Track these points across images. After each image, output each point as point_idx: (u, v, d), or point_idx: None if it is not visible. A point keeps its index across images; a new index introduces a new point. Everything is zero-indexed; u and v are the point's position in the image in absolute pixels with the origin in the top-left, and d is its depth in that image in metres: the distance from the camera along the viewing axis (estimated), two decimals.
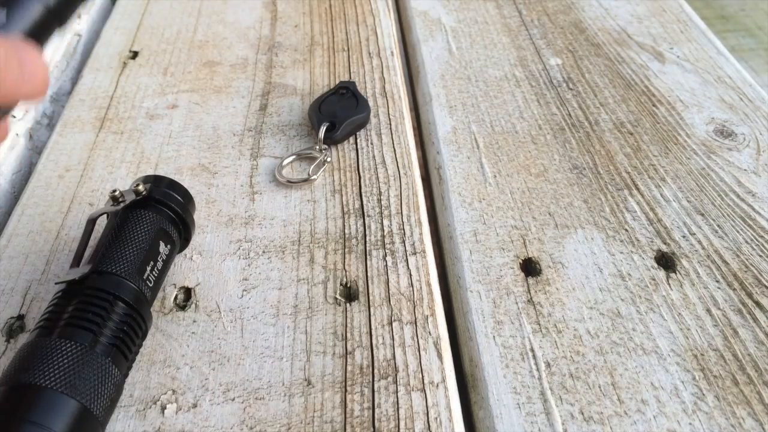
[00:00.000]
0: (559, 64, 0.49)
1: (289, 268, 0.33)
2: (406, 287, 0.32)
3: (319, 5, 0.55)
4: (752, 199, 0.38)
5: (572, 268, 0.34)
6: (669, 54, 0.50)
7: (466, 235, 0.36)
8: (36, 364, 0.23)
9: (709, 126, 0.43)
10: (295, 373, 0.29)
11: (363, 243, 0.35)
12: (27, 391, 0.23)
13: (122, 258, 0.28)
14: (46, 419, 0.22)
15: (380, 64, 0.48)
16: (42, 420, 0.22)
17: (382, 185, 0.38)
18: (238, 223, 0.36)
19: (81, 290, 0.26)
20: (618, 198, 0.38)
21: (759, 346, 0.30)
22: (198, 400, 0.28)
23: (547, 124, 0.44)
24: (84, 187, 0.38)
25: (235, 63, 0.48)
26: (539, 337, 0.31)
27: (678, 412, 0.28)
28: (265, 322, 0.31)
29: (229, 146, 0.41)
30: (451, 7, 0.56)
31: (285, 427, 0.27)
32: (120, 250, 0.28)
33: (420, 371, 0.29)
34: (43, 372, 0.23)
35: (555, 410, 0.28)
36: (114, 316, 0.26)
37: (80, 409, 0.23)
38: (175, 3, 0.56)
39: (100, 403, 0.24)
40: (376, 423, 0.27)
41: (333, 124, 0.40)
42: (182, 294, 0.32)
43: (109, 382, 0.24)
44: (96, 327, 0.25)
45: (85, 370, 0.24)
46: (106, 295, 0.26)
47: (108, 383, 0.24)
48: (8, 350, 0.30)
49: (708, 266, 0.34)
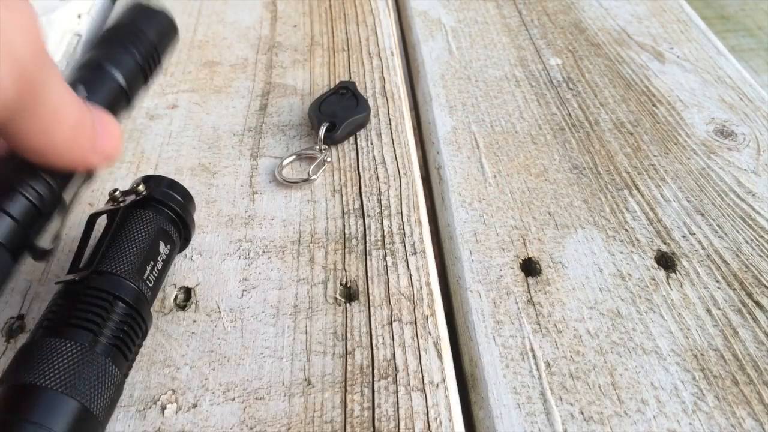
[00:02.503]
0: (559, 64, 0.49)
1: (289, 268, 0.33)
2: (406, 287, 0.32)
3: (319, 5, 0.55)
4: (752, 199, 0.38)
5: (572, 268, 0.34)
6: (669, 54, 0.50)
7: (466, 235, 0.36)
8: (36, 364, 0.23)
9: (709, 126, 0.43)
10: (295, 373, 0.29)
11: (363, 243, 0.35)
12: (27, 391, 0.23)
13: (122, 258, 0.28)
14: (46, 419, 0.22)
15: (380, 64, 0.48)
16: (42, 420, 0.22)
17: (382, 185, 0.38)
18: (238, 223, 0.36)
19: (81, 290, 0.26)
20: (618, 198, 0.38)
21: (759, 346, 0.30)
22: (198, 400, 0.28)
23: (547, 124, 0.44)
24: (84, 187, 0.38)
25: (235, 63, 0.48)
26: (539, 337, 0.31)
27: (678, 412, 0.28)
28: (265, 322, 0.31)
29: (229, 146, 0.41)
30: (451, 7, 0.56)
31: (285, 427, 0.27)
32: (120, 250, 0.28)
33: (420, 371, 0.29)
34: (43, 372, 0.23)
35: (555, 410, 0.28)
36: (114, 316, 0.26)
37: (80, 409, 0.23)
38: (175, 3, 0.56)
39: (100, 403, 0.24)
40: (376, 423, 0.27)
41: (333, 124, 0.40)
42: (182, 294, 0.32)
43: (109, 382, 0.24)
44: (96, 327, 0.25)
45: (85, 370, 0.24)
46: (106, 295, 0.26)
47: (108, 383, 0.24)
48: (8, 350, 0.30)
49: (708, 266, 0.34)
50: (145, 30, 0.33)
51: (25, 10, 0.21)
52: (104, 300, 0.26)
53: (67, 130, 0.25)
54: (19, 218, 0.26)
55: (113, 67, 0.31)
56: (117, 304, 0.26)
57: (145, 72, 0.33)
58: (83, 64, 0.31)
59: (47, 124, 0.24)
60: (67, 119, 0.24)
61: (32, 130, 0.24)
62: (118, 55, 0.32)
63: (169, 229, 0.31)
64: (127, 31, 0.33)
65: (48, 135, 0.24)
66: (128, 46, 0.32)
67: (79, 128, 0.25)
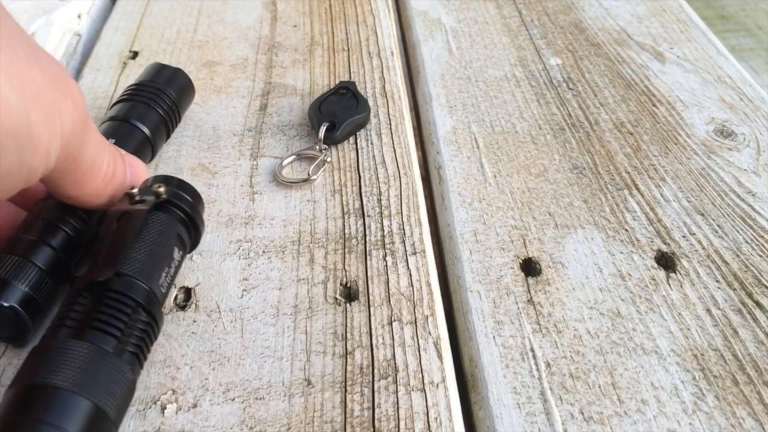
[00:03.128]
0: (559, 64, 0.49)
1: (289, 268, 0.33)
2: (406, 287, 0.32)
3: (319, 5, 0.55)
4: (752, 199, 0.38)
5: (572, 268, 0.34)
6: (669, 54, 0.50)
7: (466, 235, 0.36)
8: (60, 366, 0.23)
9: (709, 126, 0.43)
10: (295, 373, 0.29)
11: (363, 243, 0.35)
12: (42, 392, 0.23)
13: (145, 263, 0.28)
14: (61, 420, 0.22)
15: (380, 64, 0.48)
16: (57, 421, 0.22)
17: (382, 185, 0.38)
18: (238, 223, 0.36)
19: (103, 292, 0.26)
20: (618, 198, 0.38)
21: (759, 346, 0.30)
22: (198, 400, 0.28)
23: (547, 124, 0.44)
24: None
25: (235, 63, 0.48)
26: (539, 337, 0.31)
27: (678, 412, 0.28)
28: (265, 322, 0.31)
29: (229, 146, 0.41)
30: (451, 7, 0.56)
31: (285, 427, 0.27)
32: (143, 255, 0.28)
33: (420, 371, 0.29)
34: (66, 375, 0.23)
35: (555, 410, 0.28)
36: (136, 323, 0.26)
37: (94, 410, 0.23)
38: (175, 3, 0.56)
39: (113, 404, 0.24)
40: (376, 423, 0.27)
41: (333, 124, 0.40)
42: (182, 294, 0.32)
43: (125, 387, 0.25)
44: (120, 333, 0.25)
45: (108, 375, 0.24)
46: (131, 302, 0.26)
47: (125, 387, 0.25)
48: (8, 350, 0.30)
49: (708, 266, 0.34)
50: (167, 88, 0.39)
51: (75, 91, 0.25)
52: (128, 306, 0.26)
53: (98, 182, 0.29)
54: (59, 248, 0.29)
55: (139, 122, 0.36)
56: (138, 311, 0.27)
57: (167, 125, 0.38)
58: (111, 117, 0.36)
59: (82, 180, 0.28)
60: (98, 175, 0.28)
61: (69, 184, 0.28)
62: (143, 110, 0.37)
63: (183, 234, 0.31)
64: (151, 89, 0.38)
65: (82, 187, 0.28)
66: (151, 103, 0.37)
67: (109, 178, 0.29)
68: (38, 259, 0.28)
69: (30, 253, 0.28)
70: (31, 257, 0.28)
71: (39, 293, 0.28)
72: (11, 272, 0.27)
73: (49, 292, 0.29)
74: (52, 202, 0.31)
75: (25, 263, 0.28)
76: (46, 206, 0.31)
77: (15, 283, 0.27)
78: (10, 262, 0.28)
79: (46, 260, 0.29)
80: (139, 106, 0.37)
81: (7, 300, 0.27)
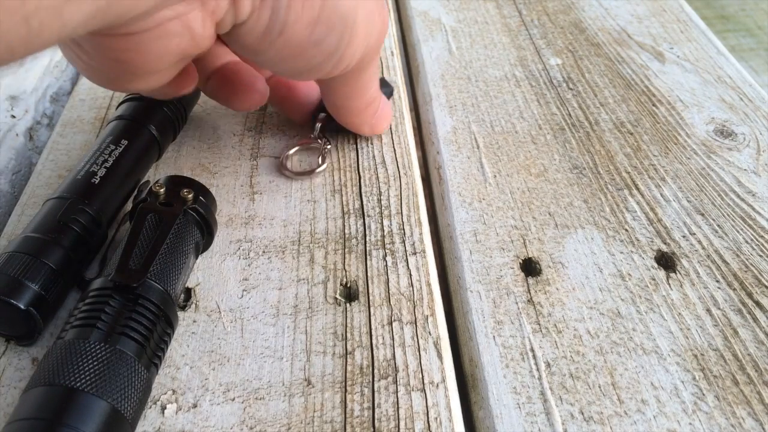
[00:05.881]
0: (559, 64, 0.49)
1: (289, 268, 0.33)
2: (406, 287, 0.32)
3: None
4: (752, 199, 0.38)
5: (572, 268, 0.34)
6: (669, 54, 0.50)
7: (466, 235, 0.36)
8: (86, 371, 0.23)
9: (709, 126, 0.43)
10: (295, 373, 0.29)
11: (363, 243, 0.35)
12: (62, 394, 0.23)
13: (171, 272, 0.28)
14: (79, 422, 0.22)
15: (380, 64, 0.48)
16: (75, 423, 0.22)
17: (382, 185, 0.38)
18: (238, 223, 0.36)
19: (136, 299, 0.26)
20: (618, 198, 0.38)
21: (759, 346, 0.30)
22: (198, 400, 0.28)
23: (547, 124, 0.44)
24: None
25: None
26: (539, 337, 0.31)
27: (678, 412, 0.28)
28: (265, 322, 0.31)
29: (229, 146, 0.41)
30: (451, 7, 0.56)
31: (285, 427, 0.27)
32: (171, 265, 0.28)
33: (420, 371, 0.29)
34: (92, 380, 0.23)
35: (555, 410, 0.28)
36: (158, 331, 0.27)
37: (112, 411, 0.23)
38: None
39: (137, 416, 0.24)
40: (376, 423, 0.27)
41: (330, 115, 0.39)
42: (182, 294, 0.32)
43: (144, 393, 0.25)
44: (145, 341, 0.26)
45: (131, 381, 0.24)
46: (157, 310, 0.27)
47: (143, 394, 0.25)
48: (8, 350, 0.30)
49: (708, 266, 0.34)
50: None
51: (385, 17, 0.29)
52: (155, 314, 0.27)
53: (362, 102, 0.34)
54: (70, 249, 0.30)
55: (147, 122, 0.37)
56: (161, 319, 0.27)
57: (174, 124, 0.39)
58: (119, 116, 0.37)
59: (353, 93, 0.33)
60: (366, 95, 0.33)
61: (342, 94, 0.33)
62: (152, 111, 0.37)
63: (200, 243, 0.32)
64: None
65: (350, 100, 0.34)
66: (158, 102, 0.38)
67: (370, 104, 0.35)
68: (50, 258, 0.29)
69: (42, 253, 0.29)
70: (43, 257, 0.29)
71: (50, 293, 0.28)
72: (24, 272, 0.28)
73: (60, 292, 0.29)
74: (67, 203, 0.31)
75: (37, 263, 0.28)
76: (61, 206, 0.31)
77: (28, 283, 0.28)
78: (23, 261, 0.28)
79: (58, 260, 0.29)
80: (147, 106, 0.37)
81: (21, 300, 0.27)
